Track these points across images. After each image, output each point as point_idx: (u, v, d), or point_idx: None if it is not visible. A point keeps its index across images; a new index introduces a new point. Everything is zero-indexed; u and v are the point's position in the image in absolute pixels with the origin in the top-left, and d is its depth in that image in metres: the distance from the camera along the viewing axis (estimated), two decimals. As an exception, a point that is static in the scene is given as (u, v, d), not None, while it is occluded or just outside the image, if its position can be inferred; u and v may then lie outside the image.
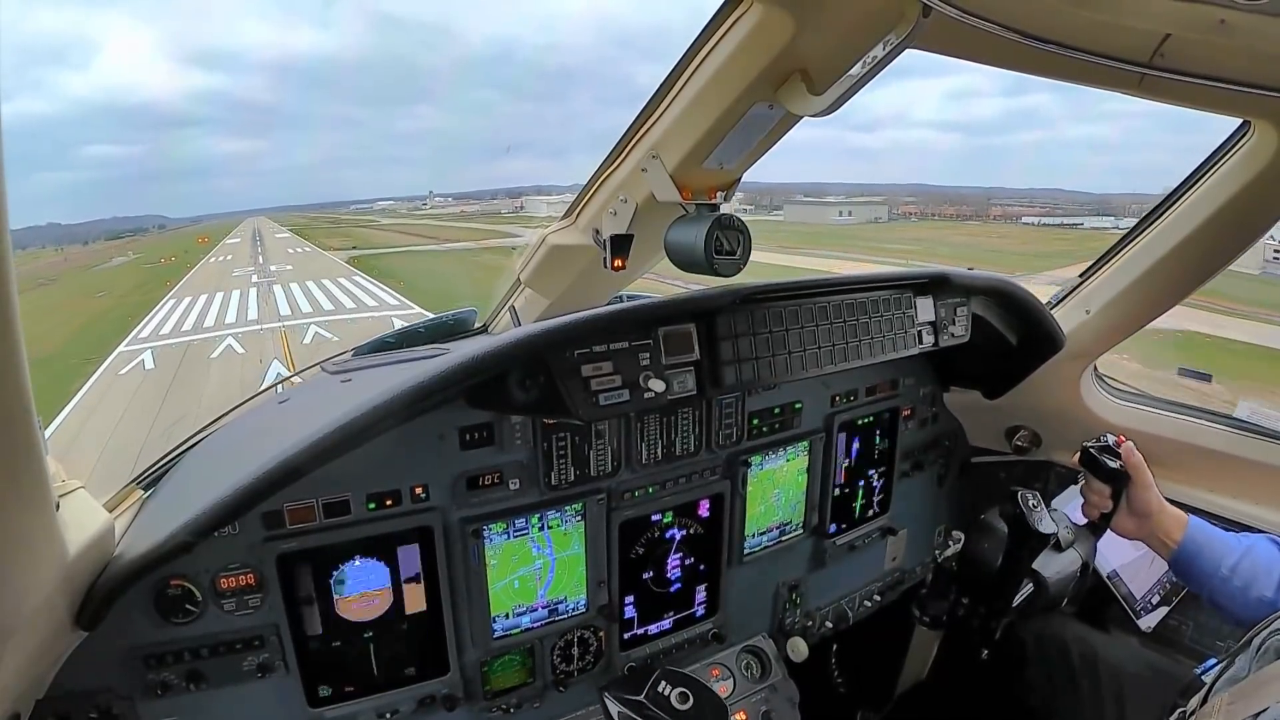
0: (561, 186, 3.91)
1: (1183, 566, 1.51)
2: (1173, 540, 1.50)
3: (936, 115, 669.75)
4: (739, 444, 1.76)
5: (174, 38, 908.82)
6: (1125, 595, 2.03)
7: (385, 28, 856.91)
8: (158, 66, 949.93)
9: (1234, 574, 1.43)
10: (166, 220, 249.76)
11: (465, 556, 1.44)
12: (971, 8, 1.00)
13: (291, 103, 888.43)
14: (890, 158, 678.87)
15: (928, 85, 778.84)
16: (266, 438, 1.31)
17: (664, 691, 1.53)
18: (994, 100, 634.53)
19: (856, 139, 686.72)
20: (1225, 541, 1.49)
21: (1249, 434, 1.88)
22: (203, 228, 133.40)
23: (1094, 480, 1.57)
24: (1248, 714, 1.11)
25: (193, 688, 1.26)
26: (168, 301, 29.85)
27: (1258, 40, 1.05)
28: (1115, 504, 1.56)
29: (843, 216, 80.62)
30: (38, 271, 56.31)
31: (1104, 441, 1.56)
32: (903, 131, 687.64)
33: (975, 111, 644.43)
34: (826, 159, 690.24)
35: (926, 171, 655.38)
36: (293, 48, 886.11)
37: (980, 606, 1.64)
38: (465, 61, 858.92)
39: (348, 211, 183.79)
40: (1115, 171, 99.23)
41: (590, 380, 1.30)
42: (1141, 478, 1.53)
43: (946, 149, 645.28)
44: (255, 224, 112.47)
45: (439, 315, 2.13)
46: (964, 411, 2.30)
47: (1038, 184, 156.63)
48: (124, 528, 1.24)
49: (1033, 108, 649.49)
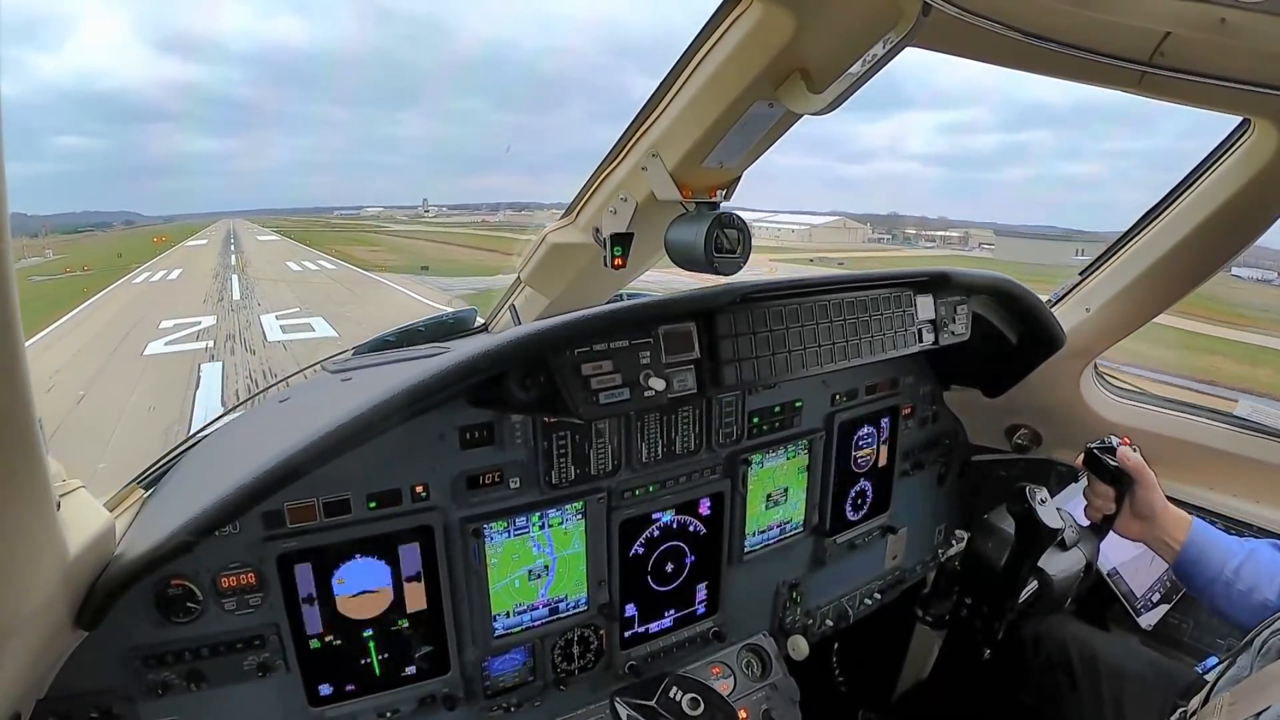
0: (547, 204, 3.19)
1: (1185, 569, 1.50)
2: (1176, 542, 1.49)
3: (926, 149, 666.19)
4: (739, 443, 1.76)
5: (150, 19, 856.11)
6: (1125, 593, 2.03)
7: (375, 20, 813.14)
8: (132, 51, 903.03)
9: (1237, 577, 1.42)
10: (139, 217, 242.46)
11: (466, 555, 1.44)
12: (971, 6, 1.00)
13: (269, 100, 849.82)
14: (872, 187, 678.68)
15: (927, 118, 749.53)
16: (267, 437, 1.31)
17: (675, 697, 1.53)
18: (991, 136, 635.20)
19: (845, 169, 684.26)
20: (1228, 545, 1.48)
21: (1249, 432, 1.89)
22: (169, 227, 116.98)
23: (1097, 482, 1.56)
24: (1249, 713, 1.11)
25: (193, 687, 1.25)
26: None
27: (1258, 39, 1.05)
28: (1118, 506, 1.55)
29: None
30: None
31: (1107, 443, 1.55)
32: (894, 164, 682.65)
33: (970, 145, 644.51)
34: (813, 188, 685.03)
35: (902, 202, 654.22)
36: (274, 38, 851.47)
37: (983, 606, 1.63)
38: (455, 64, 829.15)
39: (336, 217, 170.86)
40: (1086, 208, 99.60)
41: (590, 379, 1.30)
42: (1145, 479, 1.52)
43: (929, 181, 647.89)
44: (231, 225, 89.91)
45: (439, 314, 2.13)
46: (964, 410, 2.30)
47: (989, 218, 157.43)
48: (124, 527, 1.24)
49: (1026, 144, 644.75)
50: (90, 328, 19.49)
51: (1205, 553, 1.47)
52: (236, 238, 61.87)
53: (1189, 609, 1.96)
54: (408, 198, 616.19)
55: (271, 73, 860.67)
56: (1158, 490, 1.53)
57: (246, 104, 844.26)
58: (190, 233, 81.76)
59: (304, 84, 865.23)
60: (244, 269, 34.89)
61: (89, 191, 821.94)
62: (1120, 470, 1.52)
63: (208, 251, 48.56)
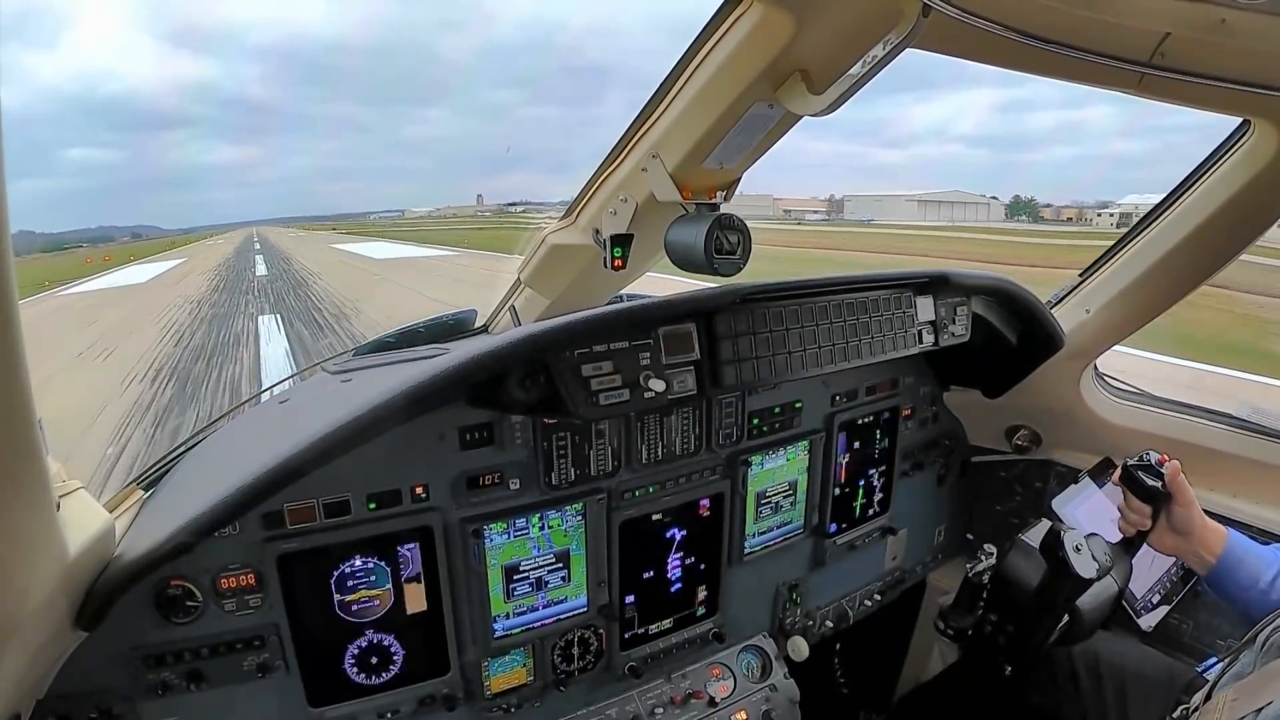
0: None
1: (1219, 580, 1.48)
2: (1213, 555, 1.47)
3: (975, 129, 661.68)
4: (739, 443, 1.76)
5: (155, 9, 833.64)
6: (1126, 595, 2.02)
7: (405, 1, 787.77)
8: (138, 47, 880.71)
9: (1273, 588, 1.41)
10: (157, 230, 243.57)
11: (466, 556, 1.44)
12: (971, 7, 1.00)
13: (289, 101, 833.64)
14: (907, 173, 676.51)
15: (987, 95, 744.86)
16: (267, 437, 1.31)
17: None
18: (1049, 113, 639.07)
19: (884, 155, 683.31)
20: (1261, 555, 1.47)
21: (1249, 433, 1.89)
22: (147, 244, 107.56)
23: (1133, 498, 1.53)
24: (1251, 709, 1.11)
25: (193, 688, 1.26)
26: None
27: (1258, 39, 1.05)
28: (1153, 522, 1.53)
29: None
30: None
31: (1146, 459, 1.52)
32: (936, 146, 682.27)
33: (1023, 124, 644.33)
34: (843, 175, 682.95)
35: (937, 183, 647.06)
36: (293, 27, 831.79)
37: (1009, 625, 1.61)
38: (492, 49, 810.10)
39: (377, 221, 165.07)
40: (1133, 186, 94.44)
41: (590, 380, 1.30)
42: (1184, 496, 1.49)
43: (971, 164, 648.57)
44: (252, 231, 77.58)
45: (439, 315, 2.13)
46: (964, 411, 2.30)
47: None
48: (124, 528, 1.24)
49: (1084, 122, 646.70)
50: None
51: (1241, 564, 1.46)
52: (260, 242, 55.22)
53: (1189, 610, 1.95)
54: (453, 198, 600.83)
55: (290, 68, 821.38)
56: (1196, 506, 1.50)
57: (265, 106, 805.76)
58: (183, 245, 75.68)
59: (326, 81, 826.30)
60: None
61: (104, 206, 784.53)
62: (1156, 489, 1.49)
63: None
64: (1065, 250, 27.94)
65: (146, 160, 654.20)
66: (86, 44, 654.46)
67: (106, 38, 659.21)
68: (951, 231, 61.42)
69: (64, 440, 8.30)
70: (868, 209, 74.58)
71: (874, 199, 78.23)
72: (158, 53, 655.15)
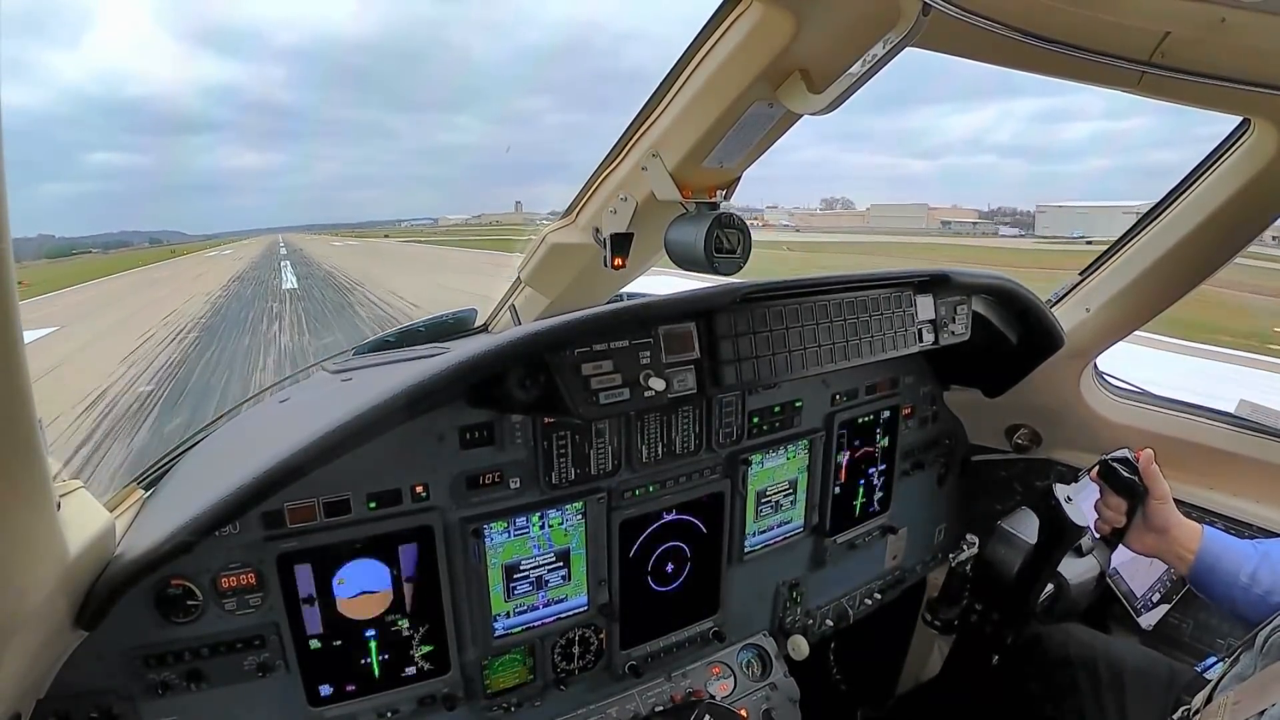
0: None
1: (1201, 579, 1.48)
2: (1190, 552, 1.47)
3: (1011, 140, 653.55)
4: (739, 443, 1.76)
5: (178, 7, 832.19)
6: (1125, 593, 2.03)
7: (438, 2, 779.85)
8: (161, 47, 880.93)
9: (1254, 581, 1.41)
10: (182, 236, 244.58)
11: (466, 555, 1.44)
12: (971, 6, 1.00)
13: (317, 107, 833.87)
14: (934, 185, 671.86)
15: (1028, 105, 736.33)
16: (267, 437, 1.31)
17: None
18: (1090, 124, 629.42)
19: (915, 165, 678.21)
20: (1240, 549, 1.47)
21: (1249, 432, 1.89)
22: (136, 252, 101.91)
23: (1110, 494, 1.54)
24: (1253, 712, 1.11)
25: (193, 687, 1.25)
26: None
27: (1258, 38, 1.05)
28: (1129, 519, 1.53)
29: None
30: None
31: (1122, 454, 1.53)
32: (965, 158, 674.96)
33: (1061, 135, 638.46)
34: (865, 185, 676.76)
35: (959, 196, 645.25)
36: (321, 28, 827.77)
37: (994, 613, 1.62)
38: (527, 52, 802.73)
39: (405, 229, 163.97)
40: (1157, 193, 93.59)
41: (590, 379, 1.30)
42: (1159, 490, 1.49)
43: (1005, 175, 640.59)
44: (274, 238, 71.91)
45: (439, 314, 2.13)
46: (964, 410, 2.30)
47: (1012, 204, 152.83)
48: (124, 527, 1.24)
49: (1124, 132, 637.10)
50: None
51: (1219, 560, 1.45)
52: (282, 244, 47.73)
53: (1189, 609, 1.96)
54: (489, 205, 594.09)
55: (317, 71, 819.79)
56: (1171, 503, 1.50)
57: (292, 111, 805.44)
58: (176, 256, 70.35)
59: (356, 84, 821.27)
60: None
61: (130, 211, 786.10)
62: (1134, 482, 1.49)
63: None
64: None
65: (169, 164, 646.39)
66: (108, 44, 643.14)
67: (129, 38, 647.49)
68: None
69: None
70: (1071, 222, 65.48)
71: (1079, 212, 69.77)
72: (180, 53, 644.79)
